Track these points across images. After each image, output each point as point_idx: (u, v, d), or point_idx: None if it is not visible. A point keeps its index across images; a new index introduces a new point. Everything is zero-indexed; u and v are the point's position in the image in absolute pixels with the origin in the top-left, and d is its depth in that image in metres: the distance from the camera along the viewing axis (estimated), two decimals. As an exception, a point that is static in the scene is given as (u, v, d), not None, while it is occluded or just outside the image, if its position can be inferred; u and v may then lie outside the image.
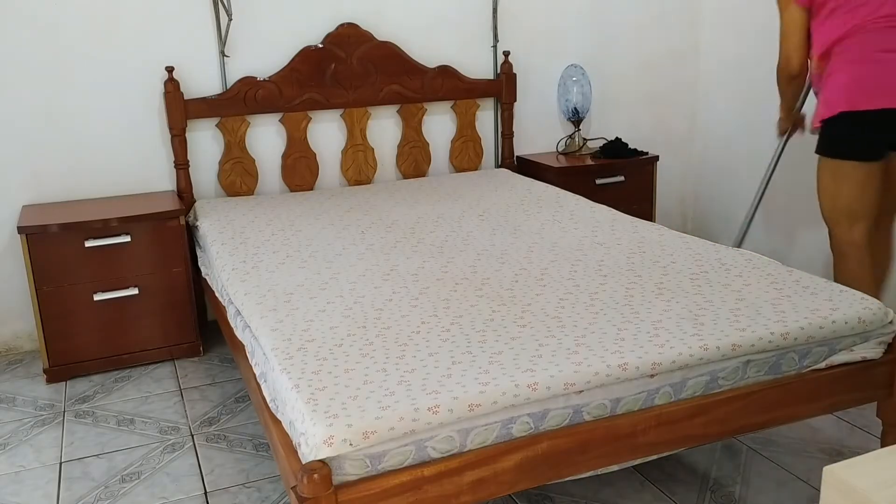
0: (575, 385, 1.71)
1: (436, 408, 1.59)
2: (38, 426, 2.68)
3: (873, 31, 2.52)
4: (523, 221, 2.88)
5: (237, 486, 2.31)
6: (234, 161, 3.36)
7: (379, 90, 3.51)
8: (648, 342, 1.85)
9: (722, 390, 1.89)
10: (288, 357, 1.84)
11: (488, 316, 2.03)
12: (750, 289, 2.15)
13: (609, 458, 1.79)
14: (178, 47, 3.25)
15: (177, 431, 2.62)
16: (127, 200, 3.17)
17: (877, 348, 2.04)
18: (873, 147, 2.59)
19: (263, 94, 3.33)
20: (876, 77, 2.52)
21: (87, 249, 2.90)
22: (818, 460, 2.36)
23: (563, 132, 3.98)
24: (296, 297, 2.20)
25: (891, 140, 2.60)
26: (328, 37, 3.43)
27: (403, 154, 3.66)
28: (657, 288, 2.18)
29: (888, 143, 2.61)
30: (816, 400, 2.01)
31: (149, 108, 3.26)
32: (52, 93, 3.12)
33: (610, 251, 2.50)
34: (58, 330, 2.93)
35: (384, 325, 1.99)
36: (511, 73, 3.73)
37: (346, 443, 1.52)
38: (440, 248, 2.61)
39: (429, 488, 1.61)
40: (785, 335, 1.91)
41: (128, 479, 2.35)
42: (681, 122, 4.24)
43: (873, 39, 2.52)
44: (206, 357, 3.16)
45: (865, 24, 2.53)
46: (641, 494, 2.22)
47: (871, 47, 2.53)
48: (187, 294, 3.08)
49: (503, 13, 3.74)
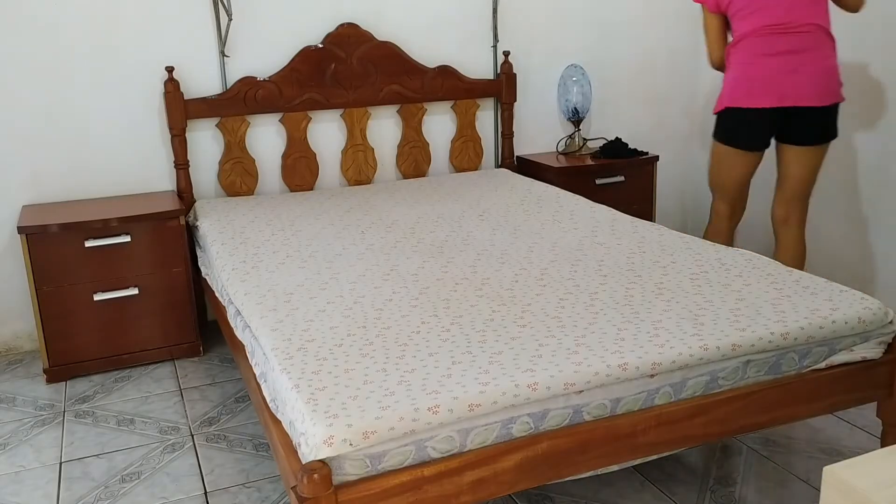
0: (575, 385, 1.71)
1: (436, 408, 1.59)
2: (38, 426, 2.68)
3: (758, 37, 2.87)
4: (523, 221, 2.88)
5: (237, 486, 2.31)
6: (234, 161, 3.36)
7: (379, 90, 3.51)
8: (648, 342, 1.85)
9: (722, 390, 1.89)
10: (288, 357, 1.84)
11: (488, 316, 2.03)
12: (750, 289, 2.15)
13: (609, 458, 1.79)
14: (178, 47, 3.25)
15: (177, 431, 2.62)
16: (127, 200, 3.17)
17: (877, 348, 2.04)
18: (752, 140, 2.99)
19: (263, 94, 3.33)
20: (754, 79, 2.89)
21: (87, 249, 2.90)
22: (818, 460, 2.35)
23: (563, 132, 3.98)
24: (296, 297, 2.20)
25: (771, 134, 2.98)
26: (328, 37, 3.43)
27: (403, 154, 3.66)
28: (657, 288, 2.18)
29: (769, 135, 2.99)
30: (816, 400, 2.01)
31: (149, 108, 3.26)
32: (52, 93, 3.13)
33: (610, 251, 2.50)
34: (58, 330, 2.93)
35: (384, 325, 1.99)
36: (511, 73, 3.73)
37: (346, 443, 1.52)
38: (440, 248, 2.61)
39: (429, 488, 1.61)
40: (785, 335, 1.91)
41: (128, 479, 2.35)
42: (681, 122, 4.24)
43: (758, 44, 2.88)
44: (206, 357, 3.16)
45: (754, 31, 2.88)
46: (641, 494, 2.22)
47: (754, 51, 2.89)
48: (187, 294, 3.08)
49: (503, 13, 3.74)
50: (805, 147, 2.94)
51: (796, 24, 2.82)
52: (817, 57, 2.83)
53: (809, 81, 2.83)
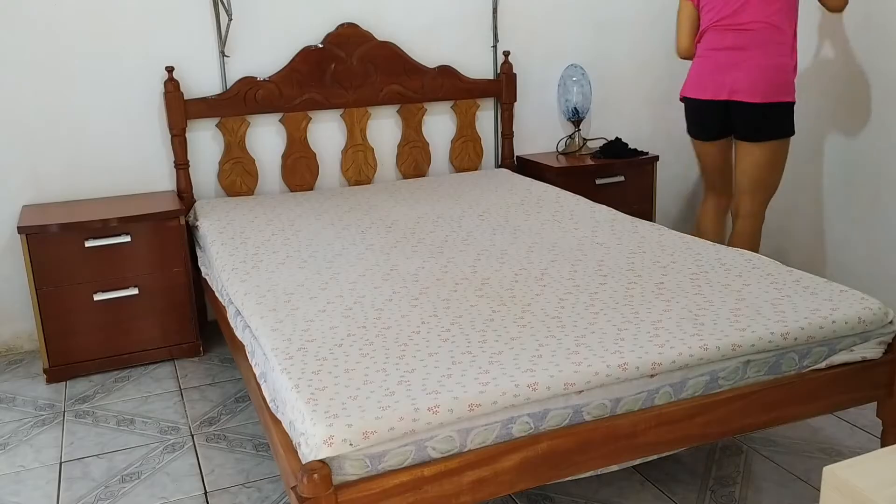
0: (575, 385, 1.71)
1: (436, 408, 1.59)
2: (38, 426, 2.68)
3: (713, 31, 3.02)
4: (523, 221, 2.88)
5: (237, 486, 2.31)
6: (234, 161, 3.36)
7: (379, 90, 3.51)
8: (648, 342, 1.85)
9: (722, 390, 1.89)
10: (288, 357, 1.84)
11: (488, 316, 2.03)
12: (750, 289, 2.15)
13: (609, 458, 1.79)
14: (178, 47, 3.25)
15: (177, 431, 2.62)
16: (127, 200, 3.17)
17: (877, 348, 2.04)
18: (704, 130, 3.17)
19: (263, 94, 3.33)
20: (703, 71, 3.07)
21: (87, 249, 2.90)
22: (818, 460, 2.35)
23: (563, 132, 3.98)
24: (296, 297, 2.20)
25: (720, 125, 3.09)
26: (328, 37, 3.43)
27: (403, 154, 3.66)
28: (657, 288, 2.18)
29: (719, 126, 3.10)
30: (816, 400, 2.01)
31: (149, 108, 3.26)
32: (51, 93, 3.12)
33: (610, 251, 2.50)
34: (58, 330, 2.93)
35: (384, 326, 1.99)
36: (511, 73, 3.73)
37: (346, 443, 1.52)
38: (440, 248, 2.61)
39: (429, 488, 1.61)
40: (785, 335, 1.91)
41: (128, 479, 2.35)
42: (681, 122, 4.21)
43: (712, 38, 3.03)
44: (206, 357, 3.16)
45: (711, 25, 3.02)
46: (641, 494, 2.22)
47: (707, 45, 3.05)
48: (187, 294, 3.08)
49: (503, 13, 3.74)
50: (747, 142, 3.04)
51: (745, 22, 2.92)
52: (760, 55, 2.91)
53: (747, 78, 2.93)
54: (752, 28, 2.92)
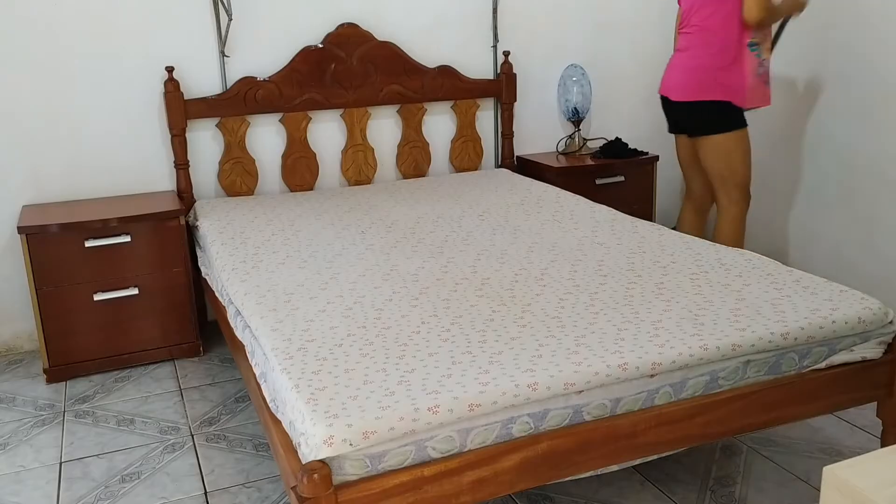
0: (575, 385, 1.71)
1: (436, 408, 1.59)
2: (38, 426, 2.68)
3: (680, 33, 3.19)
4: (523, 221, 2.88)
5: (237, 486, 2.31)
6: (234, 161, 3.36)
7: (379, 90, 3.51)
8: (648, 342, 1.85)
9: (722, 390, 1.89)
10: (288, 357, 1.84)
11: (488, 316, 2.03)
12: (750, 289, 2.15)
13: (609, 458, 1.79)
14: (178, 47, 3.25)
15: (177, 431, 2.62)
16: (127, 200, 3.17)
17: (877, 348, 2.04)
18: (669, 124, 3.33)
19: (263, 94, 3.33)
20: (666, 70, 3.24)
21: (87, 249, 2.90)
22: (818, 460, 2.35)
23: (563, 132, 3.98)
24: (296, 297, 2.20)
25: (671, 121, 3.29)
26: (328, 37, 3.43)
27: (403, 154, 3.66)
28: (657, 288, 2.18)
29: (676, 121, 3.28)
30: (816, 400, 2.01)
31: (149, 108, 3.26)
32: (52, 93, 3.12)
33: (610, 251, 2.50)
34: (58, 330, 2.93)
35: (384, 326, 1.99)
36: (511, 73, 3.73)
37: (346, 443, 1.52)
38: (440, 248, 2.61)
39: (429, 488, 1.61)
40: (785, 335, 1.91)
41: (128, 479, 2.35)
42: (681, 122, 4.23)
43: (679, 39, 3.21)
44: (206, 357, 3.16)
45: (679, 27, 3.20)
46: (641, 494, 2.22)
47: (676, 45, 3.24)
48: (187, 294, 3.08)
49: (503, 13, 3.74)
50: (693, 138, 3.21)
51: (687, 24, 3.12)
52: (689, 56, 3.11)
53: (674, 77, 3.18)
54: (690, 31, 3.11)
